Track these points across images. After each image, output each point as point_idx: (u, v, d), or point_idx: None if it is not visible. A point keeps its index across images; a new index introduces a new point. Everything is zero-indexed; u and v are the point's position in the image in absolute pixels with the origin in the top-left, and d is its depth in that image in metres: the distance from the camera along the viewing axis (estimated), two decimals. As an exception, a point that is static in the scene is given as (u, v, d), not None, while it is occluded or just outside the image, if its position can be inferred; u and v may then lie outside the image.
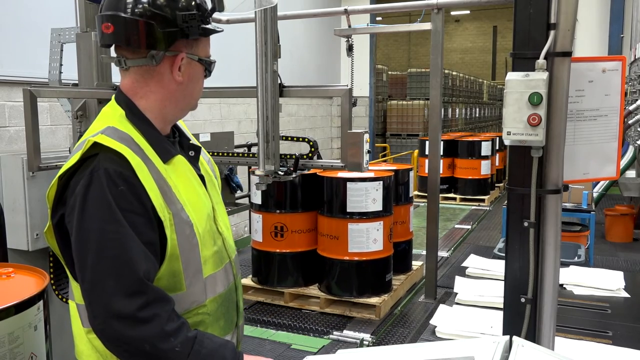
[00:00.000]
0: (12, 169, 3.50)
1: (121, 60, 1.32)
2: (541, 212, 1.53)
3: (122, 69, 1.34)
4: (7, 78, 4.45)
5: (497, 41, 22.19)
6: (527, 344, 1.29)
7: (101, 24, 1.28)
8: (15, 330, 1.52)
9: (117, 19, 1.26)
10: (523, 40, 1.52)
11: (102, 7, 1.31)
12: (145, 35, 1.26)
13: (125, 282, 1.17)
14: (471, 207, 8.90)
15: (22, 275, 1.80)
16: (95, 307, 1.18)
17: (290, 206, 4.43)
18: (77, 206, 1.21)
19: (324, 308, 4.31)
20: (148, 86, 1.34)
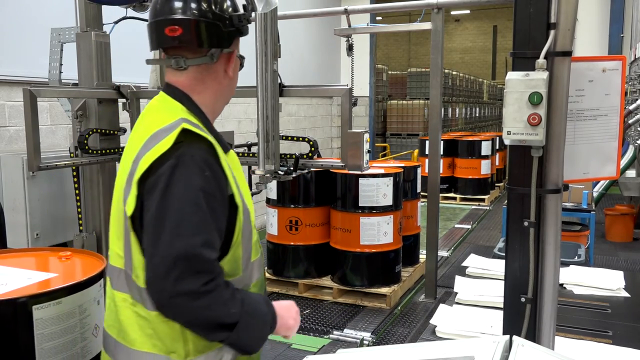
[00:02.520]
0: (12, 169, 3.50)
1: (180, 60, 1.40)
2: (541, 212, 1.53)
3: (175, 69, 1.43)
4: (7, 78, 4.45)
5: (497, 41, 22.19)
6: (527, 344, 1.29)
7: (164, 28, 1.36)
8: (84, 303, 1.71)
9: (185, 21, 1.36)
10: (523, 40, 1.52)
11: (160, 12, 1.38)
12: (210, 35, 1.38)
13: (195, 263, 1.23)
14: (471, 206, 8.90)
15: (78, 257, 2.00)
16: (163, 281, 1.23)
17: (304, 201, 4.67)
18: (161, 186, 1.26)
19: (337, 298, 4.52)
20: (205, 83, 1.44)
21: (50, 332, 1.62)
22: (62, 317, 1.65)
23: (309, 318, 4.24)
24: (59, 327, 1.64)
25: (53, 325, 1.62)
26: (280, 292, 4.76)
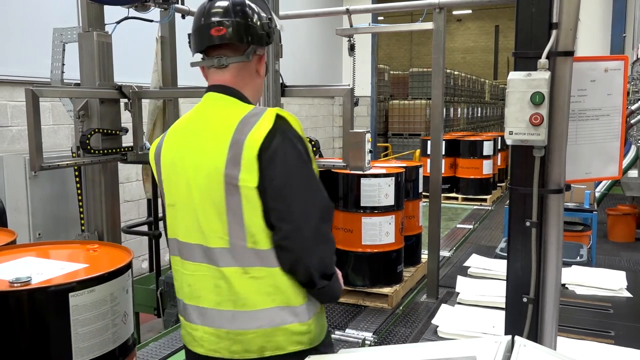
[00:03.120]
0: (14, 169, 3.51)
1: (222, 59, 1.61)
2: (543, 212, 1.53)
3: (217, 68, 1.63)
4: (10, 78, 4.46)
5: (499, 40, 22.17)
6: (529, 344, 1.29)
7: (210, 29, 1.57)
8: (114, 292, 1.83)
9: (228, 22, 1.58)
10: (525, 40, 1.52)
11: (206, 18, 1.59)
12: (248, 35, 1.60)
13: (325, 211, 1.55)
14: (473, 206, 8.88)
15: (106, 250, 2.12)
16: (298, 234, 1.48)
17: None
18: (280, 157, 1.50)
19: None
20: (244, 80, 1.65)
21: (84, 318, 1.74)
22: (95, 304, 1.77)
23: (310, 318, 4.24)
24: (92, 313, 1.76)
25: (87, 312, 1.75)
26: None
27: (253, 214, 1.50)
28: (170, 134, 1.70)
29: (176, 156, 1.63)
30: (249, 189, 1.49)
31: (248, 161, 1.48)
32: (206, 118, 1.63)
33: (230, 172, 1.50)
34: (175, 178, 1.63)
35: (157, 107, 4.24)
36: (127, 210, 5.42)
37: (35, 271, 1.83)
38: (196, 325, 1.61)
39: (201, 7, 1.64)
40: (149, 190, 4.31)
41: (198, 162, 1.56)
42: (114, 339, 1.84)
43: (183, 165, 1.60)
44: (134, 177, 5.67)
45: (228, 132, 1.53)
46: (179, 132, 1.69)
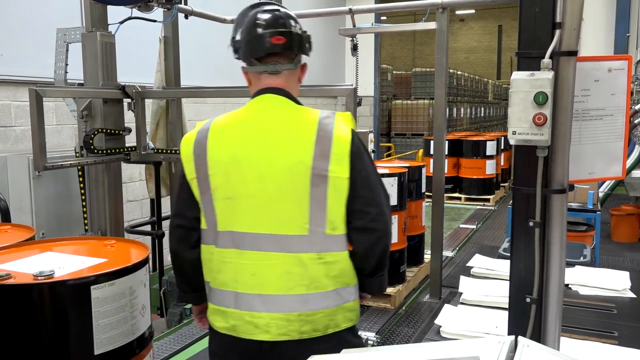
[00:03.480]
0: (18, 169, 3.52)
1: (277, 66, 1.77)
2: (546, 212, 1.53)
3: (270, 73, 1.78)
4: (13, 78, 4.47)
5: (502, 40, 22.13)
6: (533, 344, 1.29)
7: (271, 37, 1.72)
8: (133, 285, 1.89)
9: (287, 33, 1.75)
10: (528, 40, 1.52)
11: (268, 26, 1.73)
12: (299, 45, 1.79)
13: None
14: (476, 206, 8.87)
15: (122, 245, 2.20)
16: (383, 217, 1.72)
17: None
18: (364, 154, 1.73)
19: None
20: (291, 85, 1.83)
21: (105, 310, 1.80)
22: (115, 297, 1.83)
23: (313, 318, 4.25)
24: (113, 306, 1.83)
25: (107, 304, 1.81)
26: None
27: (337, 202, 1.67)
28: (216, 131, 1.75)
29: (238, 152, 1.70)
30: (341, 179, 1.67)
31: (338, 155, 1.67)
32: (271, 116, 1.75)
33: (318, 164, 1.66)
34: (238, 172, 1.69)
35: (160, 107, 4.25)
36: (130, 210, 5.43)
37: (57, 265, 1.89)
38: (260, 312, 1.67)
39: (252, 16, 1.77)
40: (152, 190, 4.32)
41: (274, 156, 1.68)
42: (132, 330, 1.90)
43: (251, 160, 1.69)
44: (137, 176, 5.68)
45: (309, 130, 1.69)
46: (233, 128, 1.76)
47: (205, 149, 1.73)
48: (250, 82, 1.84)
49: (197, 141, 1.76)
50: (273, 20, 1.75)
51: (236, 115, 1.80)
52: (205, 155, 1.72)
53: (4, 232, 2.43)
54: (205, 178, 1.73)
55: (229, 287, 1.72)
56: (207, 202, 1.74)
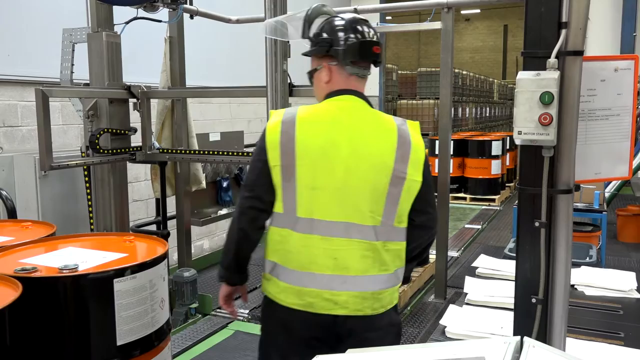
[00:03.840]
0: (24, 169, 3.54)
1: (366, 71, 1.97)
2: (552, 212, 1.52)
3: (361, 77, 1.96)
4: (20, 78, 4.49)
5: (507, 40, 22.07)
6: (538, 345, 1.29)
7: (373, 47, 1.93)
8: (153, 279, 1.96)
9: (380, 44, 1.99)
10: (534, 39, 1.51)
11: (371, 36, 1.94)
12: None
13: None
14: (481, 206, 8.86)
15: (141, 241, 2.26)
16: (436, 218, 2.00)
17: None
18: (427, 162, 1.95)
19: None
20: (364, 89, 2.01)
21: (127, 303, 1.87)
22: (136, 290, 1.90)
23: (318, 318, 4.25)
24: (134, 298, 1.89)
25: (129, 297, 1.88)
26: (289, 291, 4.76)
27: (407, 200, 1.89)
28: (304, 123, 1.88)
29: (327, 145, 1.84)
30: (415, 181, 1.88)
31: (416, 161, 1.88)
32: (356, 116, 1.91)
33: (399, 167, 1.85)
34: (326, 165, 1.83)
35: (166, 107, 4.26)
36: (135, 210, 5.44)
37: (80, 259, 1.96)
38: (339, 291, 1.86)
39: (354, 22, 1.96)
40: (158, 189, 4.33)
41: (361, 154, 1.85)
42: (152, 323, 1.97)
43: (339, 155, 1.83)
44: (142, 176, 5.69)
45: (391, 135, 1.88)
46: (320, 121, 1.89)
47: (294, 139, 1.84)
48: (330, 79, 1.95)
49: (284, 131, 1.86)
50: (373, 32, 1.97)
51: (321, 110, 1.93)
52: (293, 145, 1.84)
53: (25, 228, 2.49)
54: (291, 166, 1.84)
55: (307, 268, 1.86)
56: (288, 189, 1.85)
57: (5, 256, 2.03)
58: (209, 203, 4.98)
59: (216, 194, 5.07)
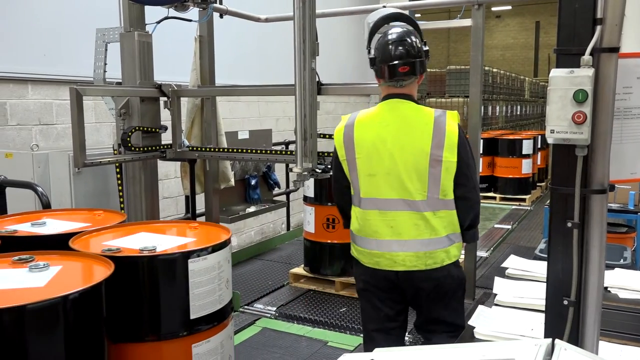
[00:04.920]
0: (59, 165, 3.62)
1: (401, 82, 2.39)
2: (586, 213, 1.49)
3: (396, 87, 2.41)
4: (55, 77, 4.60)
5: (539, 37, 21.67)
6: (570, 348, 1.26)
7: (399, 67, 2.35)
8: (220, 261, 2.17)
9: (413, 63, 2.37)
10: (568, 36, 1.48)
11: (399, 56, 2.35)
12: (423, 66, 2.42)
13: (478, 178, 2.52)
14: (511, 206, 8.73)
15: (205, 228, 2.50)
16: (475, 190, 2.42)
17: None
18: (467, 144, 2.37)
19: None
20: (413, 88, 2.46)
21: (199, 281, 2.08)
22: (207, 270, 2.10)
23: (345, 316, 4.25)
24: (205, 277, 2.10)
25: (201, 276, 2.08)
26: (316, 289, 4.78)
27: (447, 177, 2.33)
28: (360, 125, 2.41)
29: (377, 141, 2.34)
30: (451, 162, 2.31)
31: (449, 145, 2.30)
32: (399, 115, 2.37)
33: (435, 152, 2.30)
34: (377, 156, 2.35)
35: (195, 105, 4.31)
36: (165, 207, 5.52)
37: (155, 243, 2.16)
38: (397, 252, 2.37)
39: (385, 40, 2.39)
40: (187, 187, 4.39)
41: (403, 144, 2.32)
42: (219, 300, 2.18)
43: (386, 147, 2.33)
44: (172, 174, 5.78)
45: (427, 126, 2.32)
46: (372, 122, 2.40)
47: (352, 139, 2.39)
48: (379, 85, 2.47)
49: (346, 133, 2.42)
50: (402, 52, 2.33)
51: (373, 113, 2.43)
52: (352, 143, 2.39)
53: (98, 216, 2.69)
54: (353, 160, 2.40)
55: (371, 236, 2.41)
56: (354, 177, 2.43)
57: (89, 239, 2.26)
58: (237, 201, 5.02)
59: (244, 191, 5.11)
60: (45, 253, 1.98)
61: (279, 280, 5.09)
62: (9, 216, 2.64)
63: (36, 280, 1.75)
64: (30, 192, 3.24)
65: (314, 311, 4.35)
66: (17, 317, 1.52)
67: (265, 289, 4.87)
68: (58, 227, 2.43)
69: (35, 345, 1.56)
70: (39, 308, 1.54)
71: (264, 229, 7.35)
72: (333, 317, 4.23)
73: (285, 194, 6.45)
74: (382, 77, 2.40)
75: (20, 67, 4.37)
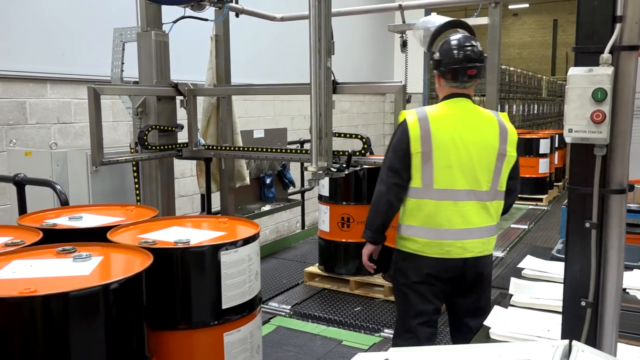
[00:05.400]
0: (77, 164, 3.66)
1: (466, 84, 2.61)
2: (604, 213, 1.48)
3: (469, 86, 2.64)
4: (73, 76, 4.66)
5: (557, 35, 21.41)
6: (588, 349, 1.25)
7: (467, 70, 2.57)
8: (250, 253, 2.25)
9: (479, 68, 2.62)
10: (586, 34, 1.46)
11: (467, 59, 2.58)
12: (485, 71, 2.80)
13: None
14: (528, 206, 8.65)
15: (234, 222, 2.59)
16: (519, 183, 2.79)
17: (356, 198, 4.73)
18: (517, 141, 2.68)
19: (388, 296, 4.51)
20: (472, 90, 2.68)
21: (230, 272, 2.16)
22: (238, 262, 2.19)
23: (359, 315, 4.24)
24: (236, 269, 2.18)
25: (232, 268, 2.17)
26: (331, 288, 4.78)
27: (506, 170, 2.62)
28: (434, 120, 2.54)
29: (455, 135, 2.52)
30: (512, 157, 2.63)
31: (512, 142, 2.63)
32: (468, 112, 2.60)
33: (502, 147, 2.59)
34: (454, 149, 2.51)
35: (211, 104, 4.33)
36: (181, 205, 5.56)
37: (188, 236, 2.24)
38: (467, 240, 2.57)
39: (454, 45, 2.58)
40: (203, 185, 4.41)
41: (476, 139, 2.55)
42: (249, 291, 2.26)
43: (462, 142, 2.52)
44: (188, 172, 5.81)
45: (494, 124, 2.60)
46: (446, 118, 2.57)
47: (429, 132, 2.52)
48: (440, 85, 2.65)
49: (422, 127, 2.53)
50: (470, 56, 2.54)
51: (444, 110, 2.60)
52: (429, 137, 2.51)
53: (130, 211, 2.78)
54: (429, 152, 2.51)
55: (443, 226, 2.54)
56: (427, 169, 2.53)
57: (125, 232, 2.36)
58: (252, 199, 5.04)
59: (259, 190, 5.13)
60: (86, 245, 2.08)
61: (294, 278, 5.10)
62: (46, 211, 2.72)
63: (81, 269, 1.85)
64: (49, 189, 3.28)
65: (329, 310, 4.35)
66: (69, 302, 1.64)
67: (279, 287, 4.89)
68: (94, 221, 2.54)
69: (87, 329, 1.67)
70: (89, 294, 1.66)
71: (279, 227, 7.37)
72: (348, 316, 4.23)
73: (300, 193, 6.46)
74: (450, 79, 2.58)
75: (40, 66, 4.43)
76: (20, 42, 4.30)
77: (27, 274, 1.80)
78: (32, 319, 1.61)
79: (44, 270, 1.84)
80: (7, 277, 1.76)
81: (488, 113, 2.66)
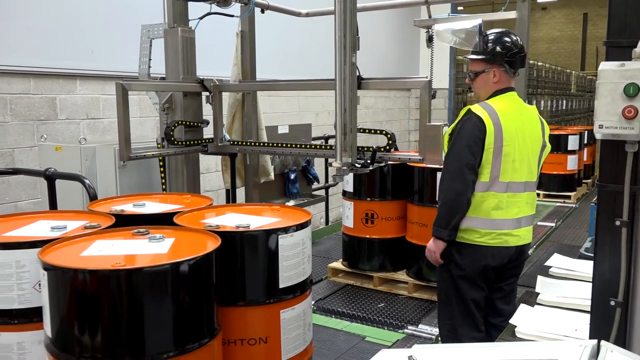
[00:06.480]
0: (105, 159, 3.72)
1: (516, 73, 2.81)
2: (635, 211, 1.45)
3: (512, 77, 2.79)
4: (102, 72, 4.73)
5: (587, 29, 20.96)
6: (617, 350, 1.22)
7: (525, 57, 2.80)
8: (304, 238, 2.40)
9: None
10: (619, 28, 1.43)
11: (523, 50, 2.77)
12: None
13: None
14: (556, 203, 8.51)
15: (285, 210, 2.73)
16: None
17: (380, 194, 4.71)
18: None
19: (412, 293, 4.53)
20: None
21: (287, 255, 2.32)
22: (294, 245, 2.35)
23: (383, 312, 4.23)
24: (292, 252, 2.34)
25: (289, 251, 2.33)
26: (354, 284, 4.78)
27: (542, 161, 2.85)
28: (503, 114, 2.64)
29: (518, 129, 2.66)
30: (548, 148, 2.87)
31: (547, 134, 2.84)
32: (520, 106, 2.78)
33: (544, 140, 2.82)
34: (518, 143, 2.65)
35: (237, 100, 4.36)
36: (206, 200, 5.61)
37: (246, 221, 2.41)
38: (521, 229, 2.74)
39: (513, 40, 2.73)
40: (228, 180, 4.45)
41: (531, 132, 2.73)
42: (303, 273, 2.41)
43: (524, 135, 2.68)
44: (213, 167, 5.87)
45: (537, 116, 2.82)
46: (509, 112, 2.68)
47: (501, 127, 2.61)
48: (499, 79, 2.73)
49: (494, 122, 2.61)
50: (522, 47, 2.77)
51: (506, 104, 2.70)
52: (501, 131, 2.61)
53: (186, 199, 2.93)
54: (500, 147, 2.62)
55: (504, 216, 2.67)
56: (496, 163, 2.63)
57: (188, 217, 2.49)
58: (276, 194, 5.06)
59: (284, 185, 5.15)
60: (157, 228, 2.24)
61: (318, 274, 5.11)
62: (111, 199, 2.92)
63: (158, 248, 2.01)
64: (78, 184, 3.34)
65: (352, 306, 4.35)
66: (161, 275, 1.83)
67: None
68: (157, 208, 2.70)
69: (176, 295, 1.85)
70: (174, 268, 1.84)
71: (303, 223, 7.38)
72: (371, 312, 4.22)
73: (324, 189, 6.47)
74: (515, 68, 2.73)
75: (70, 63, 4.51)
76: (50, 39, 4.38)
77: (112, 252, 1.96)
78: (131, 289, 1.77)
79: (126, 248, 2.01)
80: (95, 254, 1.93)
81: (530, 106, 2.84)
